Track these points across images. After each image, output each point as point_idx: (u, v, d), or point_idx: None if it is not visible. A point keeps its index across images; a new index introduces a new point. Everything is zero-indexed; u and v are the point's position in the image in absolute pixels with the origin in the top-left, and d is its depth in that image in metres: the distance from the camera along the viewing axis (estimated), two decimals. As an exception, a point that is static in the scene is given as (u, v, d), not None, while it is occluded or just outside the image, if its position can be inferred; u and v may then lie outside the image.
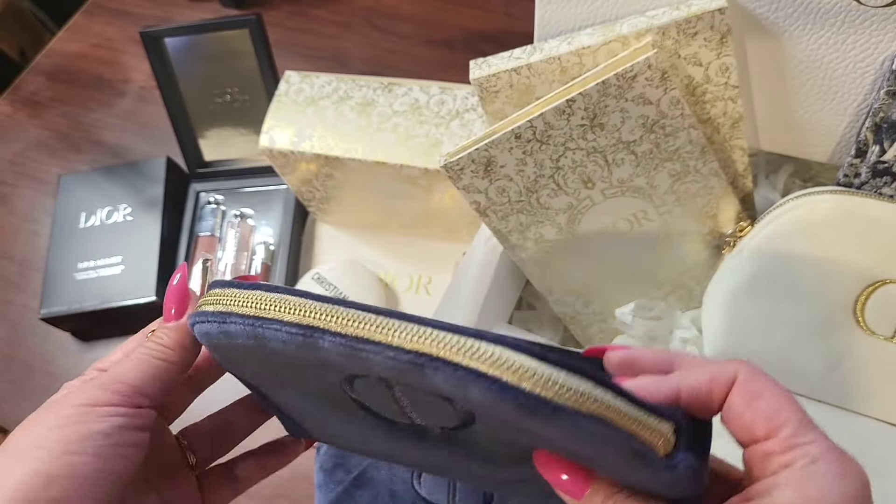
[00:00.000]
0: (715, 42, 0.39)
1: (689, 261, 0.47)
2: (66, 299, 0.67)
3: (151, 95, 0.84)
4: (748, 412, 0.23)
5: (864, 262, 0.40)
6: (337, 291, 0.65)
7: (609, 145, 0.41)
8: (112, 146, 0.83)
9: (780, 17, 0.40)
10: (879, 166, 0.40)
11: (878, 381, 0.42)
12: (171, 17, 0.91)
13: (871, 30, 0.38)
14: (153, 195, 0.71)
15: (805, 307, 0.42)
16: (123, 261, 0.68)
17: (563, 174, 0.42)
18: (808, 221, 0.40)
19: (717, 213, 0.45)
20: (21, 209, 0.81)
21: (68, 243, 0.70)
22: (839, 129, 0.43)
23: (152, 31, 0.66)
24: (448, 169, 0.41)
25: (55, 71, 0.90)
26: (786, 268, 0.41)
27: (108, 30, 0.92)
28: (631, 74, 0.38)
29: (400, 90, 0.58)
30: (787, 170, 0.51)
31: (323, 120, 0.58)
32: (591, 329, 0.52)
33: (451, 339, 0.21)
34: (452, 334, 0.21)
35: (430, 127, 0.56)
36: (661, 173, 0.42)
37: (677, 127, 0.40)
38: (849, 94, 0.41)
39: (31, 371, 0.70)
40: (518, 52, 0.41)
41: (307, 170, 0.61)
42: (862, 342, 0.41)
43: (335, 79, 0.60)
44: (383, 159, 0.56)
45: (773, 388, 0.23)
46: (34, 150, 0.85)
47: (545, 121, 0.39)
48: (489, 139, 0.40)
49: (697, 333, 0.49)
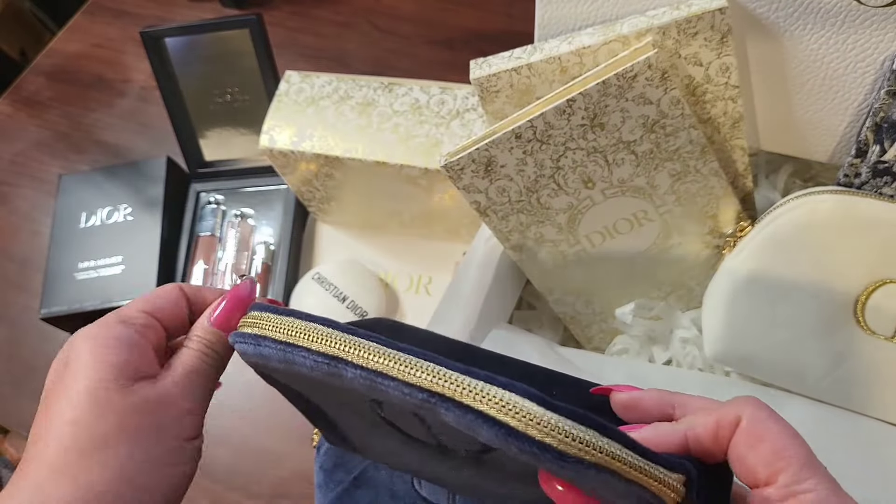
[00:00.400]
0: (715, 42, 0.39)
1: (689, 261, 0.47)
2: (67, 299, 0.67)
3: (152, 95, 0.84)
4: (750, 456, 0.23)
5: (864, 261, 0.40)
6: (337, 291, 0.65)
7: (609, 145, 0.41)
8: (112, 146, 0.83)
9: (781, 16, 0.39)
10: (880, 166, 0.40)
11: (878, 381, 0.42)
12: (172, 17, 0.91)
13: (871, 30, 0.38)
14: (153, 195, 0.71)
15: (805, 307, 0.42)
16: (124, 261, 0.68)
17: (563, 174, 0.42)
18: (809, 221, 0.40)
19: (718, 213, 0.45)
20: (21, 209, 0.81)
21: (69, 243, 0.70)
22: (839, 128, 0.43)
23: (153, 31, 0.66)
24: (448, 169, 0.41)
25: (55, 71, 0.90)
26: (786, 268, 0.41)
27: (109, 30, 0.92)
28: (631, 74, 0.38)
29: (400, 90, 0.58)
30: (788, 170, 0.50)
31: (323, 120, 0.58)
32: (592, 329, 0.52)
33: (464, 381, 0.22)
34: (466, 377, 0.23)
35: (431, 127, 0.56)
36: (662, 173, 0.42)
37: (677, 127, 0.40)
38: (849, 94, 0.41)
39: (32, 371, 0.70)
40: (518, 52, 0.41)
41: (307, 170, 0.61)
42: (862, 342, 0.41)
43: (335, 79, 0.60)
44: (383, 159, 0.56)
45: (777, 429, 0.23)
46: (35, 149, 0.85)
47: (545, 121, 0.39)
48: (489, 139, 0.40)
49: (697, 333, 0.49)
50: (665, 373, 0.49)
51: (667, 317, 0.50)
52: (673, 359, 0.50)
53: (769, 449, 0.22)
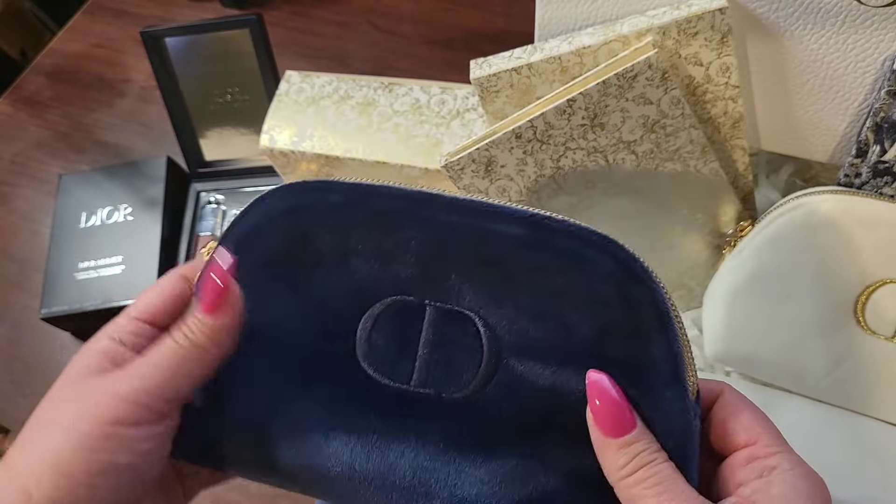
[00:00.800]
0: (715, 42, 0.39)
1: (689, 261, 0.47)
2: (67, 299, 0.67)
3: (152, 95, 0.84)
4: (730, 421, 0.26)
5: (864, 261, 0.40)
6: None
7: (609, 145, 0.41)
8: (112, 146, 0.83)
9: (781, 16, 0.40)
10: (880, 166, 0.40)
11: (878, 381, 0.42)
12: (172, 17, 0.91)
13: (871, 29, 0.38)
14: (154, 195, 0.71)
15: (805, 307, 0.42)
16: (124, 260, 0.68)
17: (563, 174, 0.42)
18: (809, 221, 0.40)
19: (718, 213, 0.45)
20: (21, 209, 0.81)
21: (69, 243, 0.70)
22: (840, 128, 0.43)
23: (153, 31, 0.66)
24: (449, 169, 0.41)
25: (56, 71, 0.90)
26: (786, 268, 0.41)
27: (109, 30, 0.92)
28: (631, 74, 0.38)
29: (400, 90, 0.58)
30: (788, 169, 0.51)
31: (323, 120, 0.58)
32: (592, 329, 0.52)
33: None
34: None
35: (431, 127, 0.56)
36: (662, 173, 0.42)
37: (678, 127, 0.40)
38: (849, 94, 0.41)
39: (32, 371, 0.70)
40: (518, 52, 0.41)
41: (308, 170, 0.61)
42: (862, 342, 0.41)
43: (336, 78, 0.60)
44: (384, 159, 0.56)
45: (753, 407, 0.26)
46: (35, 149, 0.85)
47: (546, 120, 0.39)
48: (490, 139, 0.40)
49: (698, 333, 0.49)
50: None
51: (667, 317, 0.50)
52: (673, 359, 0.50)
53: (749, 419, 0.25)
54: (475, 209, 0.26)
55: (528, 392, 0.26)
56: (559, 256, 0.25)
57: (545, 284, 0.26)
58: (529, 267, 0.26)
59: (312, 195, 0.27)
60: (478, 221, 0.26)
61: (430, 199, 0.27)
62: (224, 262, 0.28)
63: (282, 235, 0.28)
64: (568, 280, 0.25)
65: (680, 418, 0.25)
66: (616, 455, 0.24)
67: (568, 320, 0.26)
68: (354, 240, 0.27)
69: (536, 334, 0.26)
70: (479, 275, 0.26)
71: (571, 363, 0.26)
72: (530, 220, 0.26)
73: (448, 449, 0.27)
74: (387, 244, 0.27)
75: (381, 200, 0.27)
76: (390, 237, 0.27)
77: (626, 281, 0.25)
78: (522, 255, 0.26)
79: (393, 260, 0.27)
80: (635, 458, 0.24)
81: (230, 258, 0.28)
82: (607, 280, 0.25)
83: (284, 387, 0.29)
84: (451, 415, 0.27)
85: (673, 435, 0.24)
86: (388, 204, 0.27)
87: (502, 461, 0.26)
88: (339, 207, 0.27)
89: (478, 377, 0.26)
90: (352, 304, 0.27)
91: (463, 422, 0.27)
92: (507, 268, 0.26)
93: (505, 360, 0.26)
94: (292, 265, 0.28)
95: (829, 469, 0.40)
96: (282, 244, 0.28)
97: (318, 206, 0.27)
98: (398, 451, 0.27)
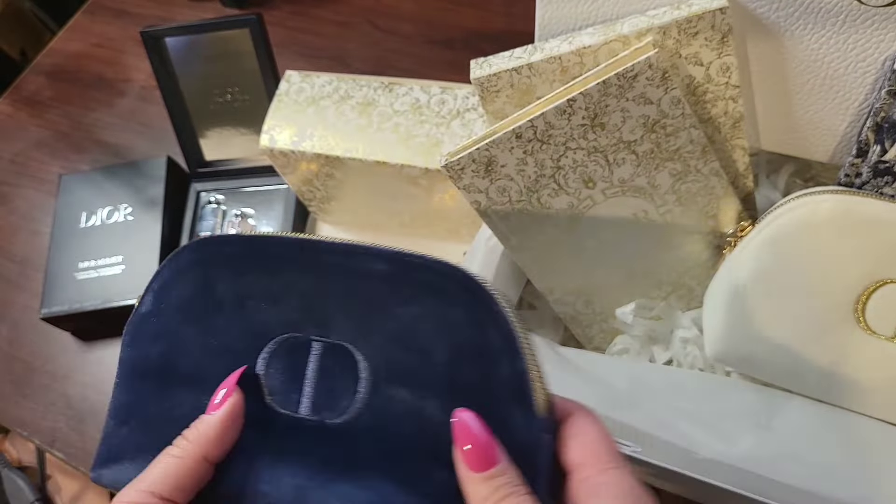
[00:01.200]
0: (716, 42, 0.39)
1: (689, 261, 0.47)
2: (67, 299, 0.67)
3: (152, 95, 0.84)
4: (570, 440, 0.27)
5: (864, 261, 0.40)
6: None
7: (610, 145, 0.41)
8: (113, 146, 0.83)
9: (782, 16, 0.40)
10: (881, 166, 0.40)
11: (878, 381, 0.42)
12: (172, 16, 0.91)
13: (872, 29, 0.38)
14: (154, 195, 0.71)
15: (805, 307, 0.42)
16: (124, 260, 0.68)
17: (563, 174, 0.42)
18: (809, 221, 0.40)
19: (718, 213, 0.45)
20: (21, 209, 0.81)
21: (69, 243, 0.70)
22: (840, 128, 0.43)
23: (153, 31, 0.66)
24: (449, 168, 0.41)
25: (56, 71, 0.90)
26: (786, 267, 0.41)
27: (109, 29, 0.92)
28: (632, 74, 0.38)
29: (400, 90, 0.58)
30: (788, 169, 0.50)
31: (323, 119, 0.58)
32: (592, 329, 0.52)
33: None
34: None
35: (431, 126, 0.56)
36: (662, 173, 0.42)
37: (678, 126, 0.40)
38: (850, 94, 0.41)
39: (32, 371, 0.70)
40: (519, 52, 0.41)
41: (308, 169, 0.61)
42: (862, 342, 0.41)
43: (336, 78, 0.60)
44: (384, 159, 0.56)
45: (598, 426, 0.28)
46: (35, 149, 0.85)
47: (546, 120, 0.39)
48: (490, 139, 0.40)
49: (698, 333, 0.49)
50: (666, 373, 0.49)
51: (667, 317, 0.50)
52: (674, 359, 0.50)
53: (590, 439, 0.27)
54: (346, 250, 0.29)
55: (400, 417, 0.28)
56: (416, 287, 0.28)
57: (406, 314, 0.28)
58: (394, 299, 0.29)
59: (215, 248, 0.31)
60: (349, 261, 0.29)
61: (312, 244, 0.30)
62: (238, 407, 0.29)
63: (191, 284, 0.31)
64: (423, 309, 0.28)
65: (526, 434, 0.26)
66: (479, 487, 0.25)
67: (426, 346, 0.28)
68: (248, 285, 0.31)
69: (403, 361, 0.28)
70: (354, 309, 0.29)
71: (431, 388, 0.28)
72: (392, 257, 0.29)
73: (325, 471, 0.29)
74: (275, 287, 0.30)
75: (270, 248, 0.30)
76: (277, 280, 0.30)
77: (473, 307, 0.28)
78: (387, 289, 0.29)
79: (281, 301, 0.30)
80: (497, 491, 0.25)
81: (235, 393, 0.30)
82: (456, 306, 0.28)
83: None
84: (331, 440, 0.29)
85: (521, 451, 0.26)
86: (276, 251, 0.30)
87: (376, 483, 0.28)
88: (234, 257, 0.31)
89: (355, 404, 0.29)
90: (250, 343, 0.30)
91: (340, 447, 0.29)
92: (375, 301, 0.29)
93: (380, 388, 0.29)
94: (200, 310, 0.31)
95: (828, 469, 0.40)
96: (190, 292, 0.31)
97: (218, 256, 0.31)
98: (289, 472, 0.29)
